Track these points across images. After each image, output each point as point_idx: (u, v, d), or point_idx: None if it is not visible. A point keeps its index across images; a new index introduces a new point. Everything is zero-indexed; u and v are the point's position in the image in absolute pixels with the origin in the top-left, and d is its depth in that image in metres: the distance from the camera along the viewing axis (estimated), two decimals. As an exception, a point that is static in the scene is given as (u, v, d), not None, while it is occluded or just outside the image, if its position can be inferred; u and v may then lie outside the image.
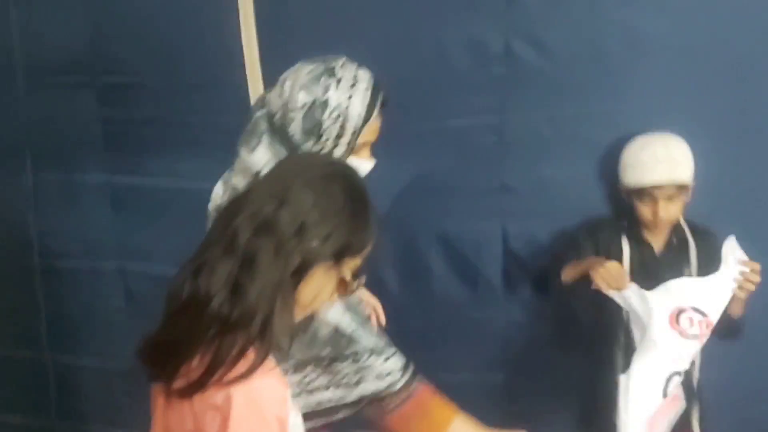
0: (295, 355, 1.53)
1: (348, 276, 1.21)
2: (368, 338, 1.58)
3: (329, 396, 1.57)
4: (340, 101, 1.48)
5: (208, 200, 1.66)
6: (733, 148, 2.06)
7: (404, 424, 1.60)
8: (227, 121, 2.32)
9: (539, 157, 2.19)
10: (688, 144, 1.97)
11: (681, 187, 1.92)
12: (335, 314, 1.54)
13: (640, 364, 1.75)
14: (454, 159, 2.23)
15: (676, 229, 2.01)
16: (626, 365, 1.86)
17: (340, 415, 1.61)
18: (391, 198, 2.21)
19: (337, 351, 1.55)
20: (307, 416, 1.60)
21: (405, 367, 1.62)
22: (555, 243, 2.20)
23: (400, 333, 2.40)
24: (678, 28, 2.02)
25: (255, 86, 2.27)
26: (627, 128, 2.07)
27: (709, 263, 1.92)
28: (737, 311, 1.88)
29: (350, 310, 1.56)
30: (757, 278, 1.76)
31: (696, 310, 1.72)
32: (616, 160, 2.07)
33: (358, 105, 1.50)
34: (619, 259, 1.96)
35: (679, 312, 1.72)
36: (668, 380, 1.75)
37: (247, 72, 2.25)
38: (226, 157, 2.28)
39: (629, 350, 1.93)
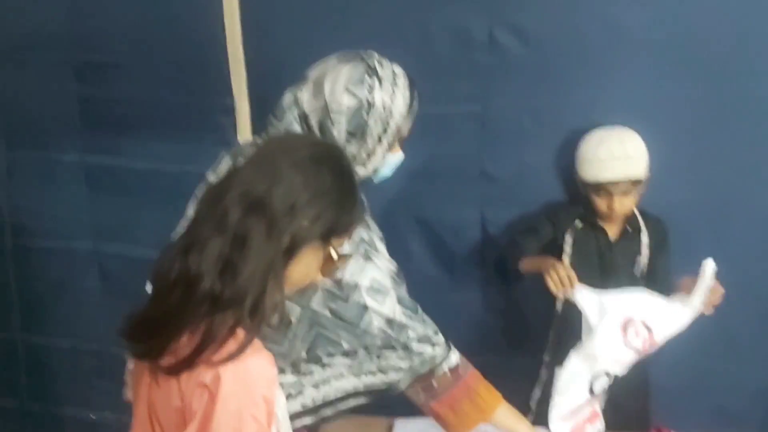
0: (344, 344, 1.53)
1: (334, 255, 1.23)
2: (419, 327, 1.57)
3: (380, 379, 1.58)
4: (384, 101, 1.47)
5: (184, 182, 1.64)
6: (709, 140, 2.11)
7: (453, 406, 1.60)
8: (206, 103, 2.34)
9: (519, 146, 2.21)
10: (660, 136, 2.03)
11: (635, 182, 2.00)
12: (389, 307, 1.53)
13: (576, 358, 1.79)
14: (436, 145, 2.23)
15: (630, 218, 2.09)
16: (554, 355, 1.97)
17: (389, 393, 1.62)
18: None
19: (388, 341, 1.54)
20: (356, 395, 1.60)
21: (451, 351, 1.63)
22: (515, 227, 2.24)
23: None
24: (659, 21, 2.04)
25: (236, 67, 2.25)
26: (606, 119, 2.10)
27: (659, 250, 2.07)
28: None
29: (402, 302, 1.55)
30: (718, 302, 1.81)
31: (645, 325, 1.76)
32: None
33: (401, 103, 1.50)
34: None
35: (629, 321, 1.77)
36: (596, 377, 1.79)
37: (229, 53, 2.23)
38: (203, 139, 2.29)
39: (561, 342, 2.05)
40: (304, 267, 1.20)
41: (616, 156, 1.98)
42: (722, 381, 2.30)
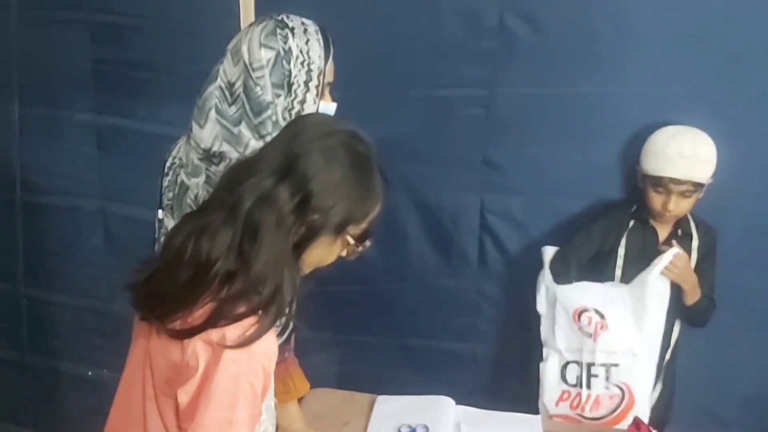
0: None
1: (352, 241, 1.23)
2: None
3: None
4: (300, 47, 1.51)
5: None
6: (716, 138, 2.05)
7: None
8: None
9: (523, 134, 2.20)
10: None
11: (697, 185, 1.95)
12: None
13: (552, 354, 1.95)
14: (440, 128, 2.23)
15: (682, 222, 2.05)
16: None
17: None
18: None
19: None
20: None
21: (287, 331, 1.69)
22: (570, 232, 2.19)
23: (374, 297, 2.45)
24: (671, 14, 2.02)
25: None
26: (612, 112, 2.10)
27: (705, 258, 2.04)
28: (689, 300, 2.02)
29: None
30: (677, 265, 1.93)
31: (597, 312, 1.86)
32: (598, 144, 2.11)
33: (316, 47, 1.53)
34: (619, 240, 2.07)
35: (582, 310, 1.85)
36: (564, 367, 1.90)
37: (241, 22, 2.23)
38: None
39: None
40: (320, 254, 1.22)
41: (685, 155, 1.93)
42: (712, 386, 2.29)
